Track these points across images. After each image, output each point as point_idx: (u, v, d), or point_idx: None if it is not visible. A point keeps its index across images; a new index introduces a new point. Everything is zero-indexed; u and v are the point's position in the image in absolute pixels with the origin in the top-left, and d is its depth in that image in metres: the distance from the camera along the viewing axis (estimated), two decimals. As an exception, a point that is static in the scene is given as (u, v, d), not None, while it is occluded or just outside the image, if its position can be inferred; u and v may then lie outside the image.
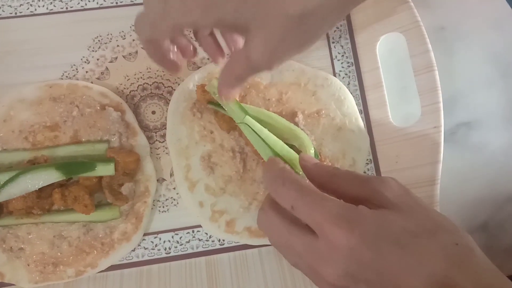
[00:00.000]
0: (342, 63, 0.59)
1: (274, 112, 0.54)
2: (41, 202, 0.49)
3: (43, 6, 0.56)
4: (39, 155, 0.51)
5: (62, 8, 0.56)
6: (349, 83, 0.58)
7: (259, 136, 0.50)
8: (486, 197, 0.59)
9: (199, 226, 0.54)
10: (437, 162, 0.53)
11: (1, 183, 0.47)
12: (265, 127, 0.50)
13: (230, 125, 0.53)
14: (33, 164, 0.50)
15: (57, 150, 0.51)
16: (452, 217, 0.56)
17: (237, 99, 0.51)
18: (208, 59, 0.57)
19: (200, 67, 0.57)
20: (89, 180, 0.50)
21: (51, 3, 0.56)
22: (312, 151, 0.50)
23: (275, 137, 0.50)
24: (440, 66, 0.55)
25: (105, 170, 0.49)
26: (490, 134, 0.60)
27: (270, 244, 0.53)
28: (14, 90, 0.53)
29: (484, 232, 0.58)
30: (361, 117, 0.57)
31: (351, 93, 0.57)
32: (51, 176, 0.47)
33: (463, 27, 0.63)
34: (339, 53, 0.59)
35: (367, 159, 0.57)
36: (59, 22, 0.56)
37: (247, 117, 0.49)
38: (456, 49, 0.62)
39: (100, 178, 0.50)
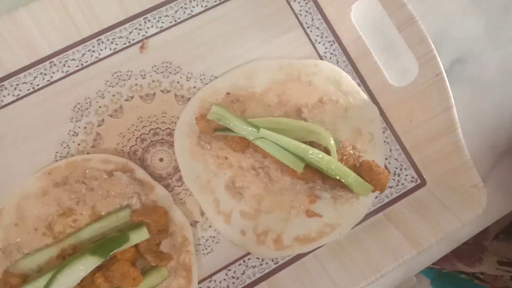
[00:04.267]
0: (323, 44, 0.57)
1: (279, 116, 0.52)
2: (86, 292, 0.46)
3: (8, 94, 0.52)
4: (66, 246, 0.48)
5: (28, 89, 0.53)
6: (337, 61, 0.57)
7: (278, 145, 0.49)
8: (502, 122, 0.59)
9: (248, 254, 0.52)
10: (450, 108, 0.52)
11: (41, 288, 0.44)
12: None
13: (242, 145, 0.51)
14: (62, 258, 0.48)
15: (81, 234, 0.49)
16: (480, 149, 0.58)
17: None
18: (194, 87, 0.55)
19: (189, 98, 0.54)
20: (127, 252, 0.47)
21: (15, 88, 0.52)
22: (332, 141, 0.49)
23: (294, 140, 0.48)
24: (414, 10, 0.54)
25: (139, 236, 0.47)
26: (483, 60, 0.61)
27: (322, 244, 0.52)
28: (15, 188, 0.50)
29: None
30: (362, 90, 0.56)
31: (344, 70, 0.56)
32: (89, 264, 0.45)
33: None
34: (317, 35, 0.58)
35: (382, 128, 0.56)
36: (29, 105, 0.52)
37: (262, 130, 0.48)
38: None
39: (137, 245, 0.48)
